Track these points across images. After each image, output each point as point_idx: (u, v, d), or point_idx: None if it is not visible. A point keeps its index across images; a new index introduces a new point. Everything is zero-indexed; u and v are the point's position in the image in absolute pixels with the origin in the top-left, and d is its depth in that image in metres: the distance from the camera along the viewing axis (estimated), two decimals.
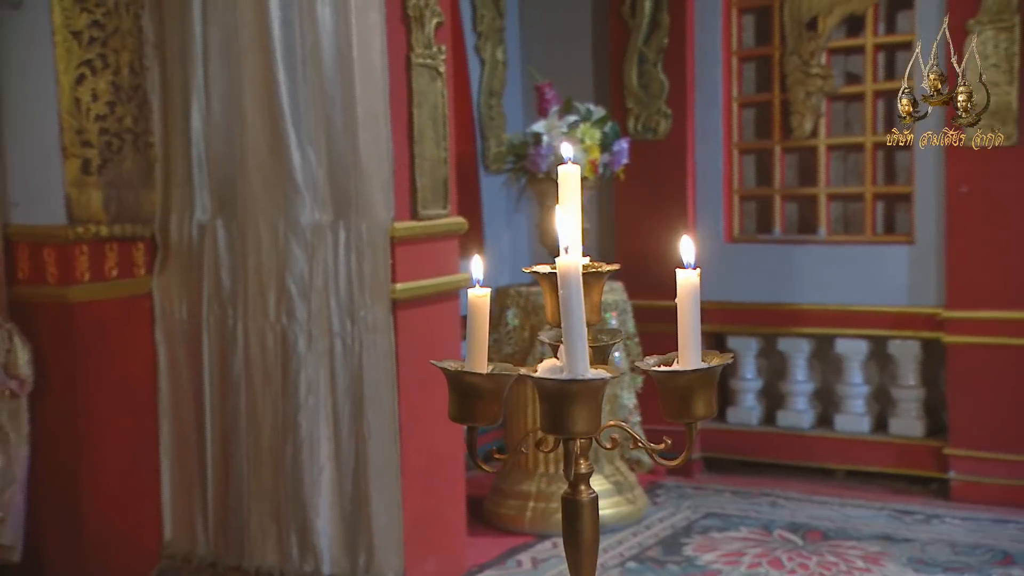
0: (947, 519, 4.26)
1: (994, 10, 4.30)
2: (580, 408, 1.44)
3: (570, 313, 1.42)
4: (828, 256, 4.85)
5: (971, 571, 3.66)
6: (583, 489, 1.56)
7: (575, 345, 1.42)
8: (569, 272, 1.42)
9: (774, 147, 5.02)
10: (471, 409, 1.57)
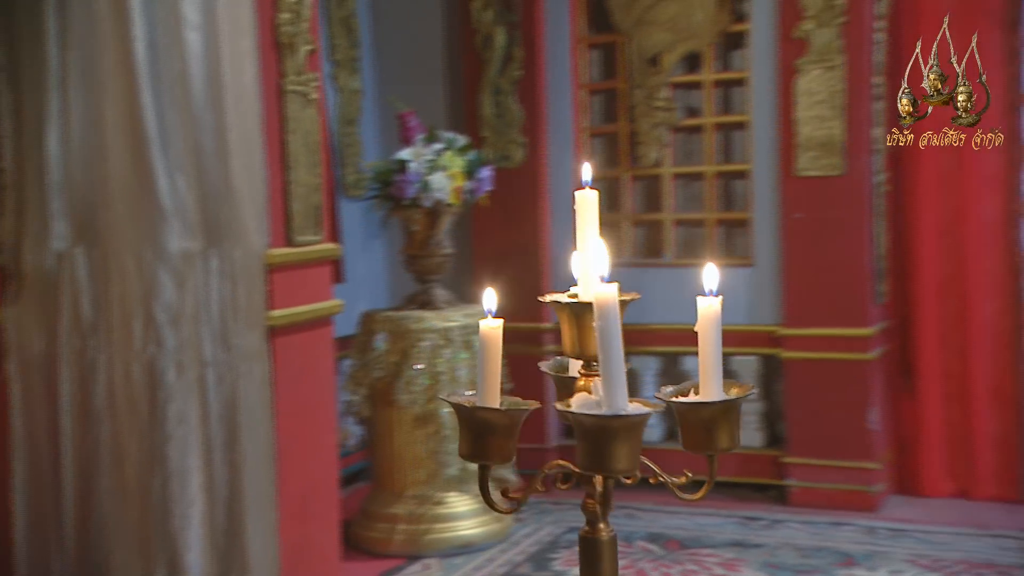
0: (789, 524, 4.33)
1: (820, 51, 4.42)
2: (621, 445, 1.34)
3: (609, 345, 1.32)
4: (674, 278, 4.88)
5: (818, 573, 3.72)
6: (602, 527, 1.50)
7: (614, 379, 1.32)
8: (607, 303, 1.32)
9: (623, 175, 5.02)
10: (485, 446, 1.45)
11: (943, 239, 4.54)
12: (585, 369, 1.54)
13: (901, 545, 3.98)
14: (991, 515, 4.32)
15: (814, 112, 4.44)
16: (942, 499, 4.57)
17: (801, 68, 4.46)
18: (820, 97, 4.43)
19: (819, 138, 4.43)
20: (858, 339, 4.44)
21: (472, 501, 4.15)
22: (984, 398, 4.51)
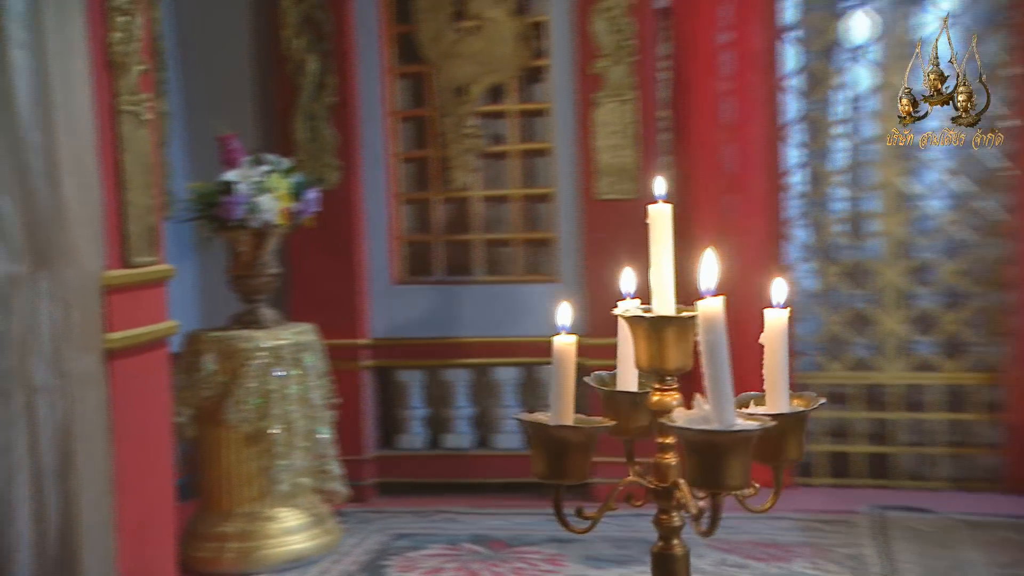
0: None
1: (615, 87, 4.60)
2: (734, 460, 1.25)
3: (717, 361, 1.24)
4: (484, 294, 4.94)
5: (634, 563, 3.83)
6: (676, 543, 1.42)
7: (722, 394, 1.23)
8: (714, 317, 1.24)
9: (434, 198, 5.03)
10: (562, 466, 1.36)
11: (719, 252, 4.81)
12: (660, 384, 1.45)
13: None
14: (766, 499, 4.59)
15: (611, 141, 4.62)
16: None
17: (598, 101, 4.63)
18: (615, 128, 4.61)
19: (615, 165, 4.62)
20: None
21: (303, 515, 4.02)
22: None
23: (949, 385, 4.78)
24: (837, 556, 3.77)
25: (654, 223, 1.42)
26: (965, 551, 3.76)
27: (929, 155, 4.80)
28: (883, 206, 4.83)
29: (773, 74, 4.77)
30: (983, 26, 4.68)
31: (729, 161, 4.81)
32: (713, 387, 1.25)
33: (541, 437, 1.33)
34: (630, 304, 1.36)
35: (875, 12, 4.79)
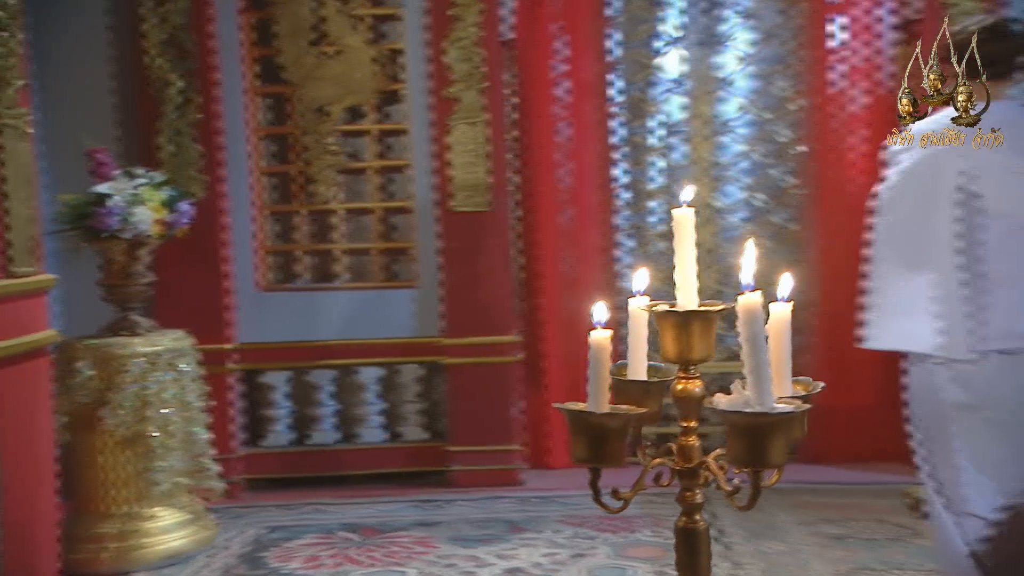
0: (457, 503, 4.57)
1: (467, 110, 4.75)
2: (777, 440, 1.28)
3: (757, 350, 1.28)
4: (347, 300, 4.97)
5: (497, 541, 3.97)
6: (699, 518, 1.45)
7: (763, 379, 1.27)
8: (753, 310, 1.28)
9: (297, 210, 5.02)
10: (599, 451, 1.38)
11: (560, 261, 5.04)
12: (684, 372, 1.49)
13: (549, 510, 4.37)
14: (605, 478, 4.83)
15: (464, 159, 4.75)
16: (565, 470, 5.03)
17: (452, 123, 4.76)
18: (469, 147, 4.75)
19: (469, 181, 4.76)
20: (504, 345, 4.81)
21: (180, 514, 3.94)
22: None
23: None
24: (672, 524, 4.02)
25: (678, 226, 1.46)
26: (776, 513, 4.10)
27: (732, 174, 5.17)
28: (697, 218, 5.17)
29: (604, 102, 5.03)
30: (774, 65, 5.10)
31: (566, 179, 5.04)
32: (754, 374, 1.30)
33: (581, 424, 1.37)
34: (641, 301, 1.44)
35: (685, 50, 5.13)
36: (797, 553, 3.62)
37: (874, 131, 4.81)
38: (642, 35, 5.16)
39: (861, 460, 4.88)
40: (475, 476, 4.81)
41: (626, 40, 5.13)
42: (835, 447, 4.93)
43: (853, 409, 4.90)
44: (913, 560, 3.50)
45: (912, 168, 2.74)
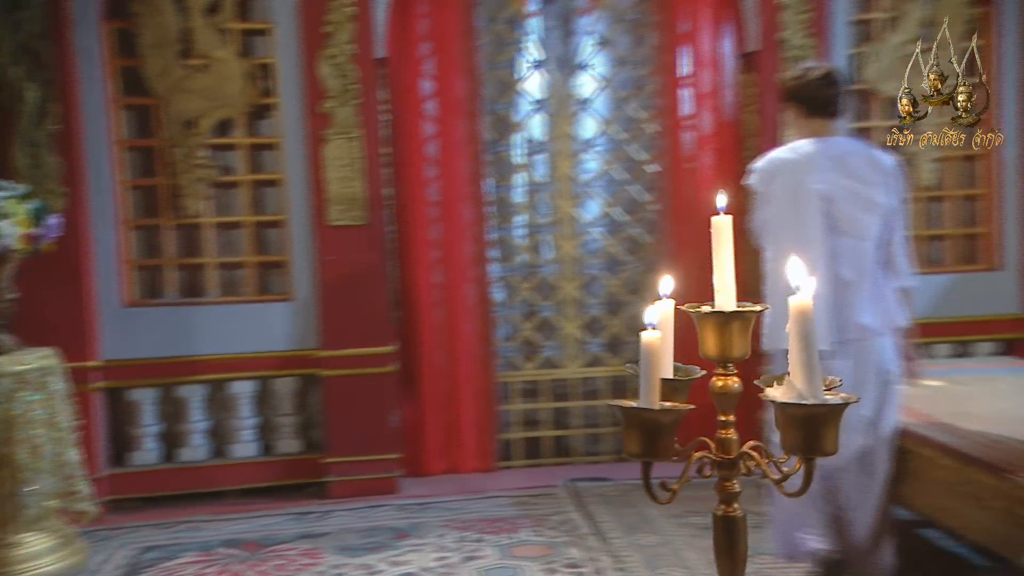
0: (337, 513, 4.38)
1: (342, 125, 4.58)
2: (828, 429, 1.30)
3: (808, 346, 1.29)
4: (219, 314, 4.68)
5: (385, 548, 3.82)
6: (736, 506, 1.47)
7: (814, 374, 1.30)
8: (805, 311, 1.30)
9: (165, 224, 4.69)
10: (652, 445, 1.38)
11: (435, 274, 4.94)
12: (723, 369, 1.51)
13: (431, 515, 4.24)
14: (479, 482, 4.77)
15: (340, 174, 4.58)
16: (439, 476, 4.93)
17: (327, 138, 4.58)
18: (344, 162, 4.58)
19: (346, 195, 4.58)
20: (380, 356, 4.66)
21: (50, 538, 3.57)
22: (468, 394, 4.98)
23: (613, 376, 5.24)
24: (552, 523, 4.00)
25: (717, 232, 1.50)
26: (644, 508, 4.15)
27: (592, 189, 5.23)
28: (561, 232, 5.20)
29: (473, 120, 4.97)
30: (629, 89, 5.21)
31: (438, 193, 4.94)
32: (805, 369, 1.32)
33: (635, 420, 1.36)
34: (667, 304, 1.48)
35: (547, 73, 5.16)
36: (671, 544, 3.66)
37: (720, 152, 4.99)
38: (506, 57, 5.14)
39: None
40: (353, 486, 4.62)
41: (492, 61, 5.10)
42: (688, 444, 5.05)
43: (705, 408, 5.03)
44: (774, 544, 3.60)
45: (784, 194, 2.96)
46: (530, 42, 5.14)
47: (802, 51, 4.73)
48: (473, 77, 4.95)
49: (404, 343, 4.89)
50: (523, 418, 5.23)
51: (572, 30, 5.21)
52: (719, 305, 1.43)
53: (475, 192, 4.99)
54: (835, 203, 3.02)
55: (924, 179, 5.00)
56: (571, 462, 5.15)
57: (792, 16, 4.73)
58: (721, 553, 1.47)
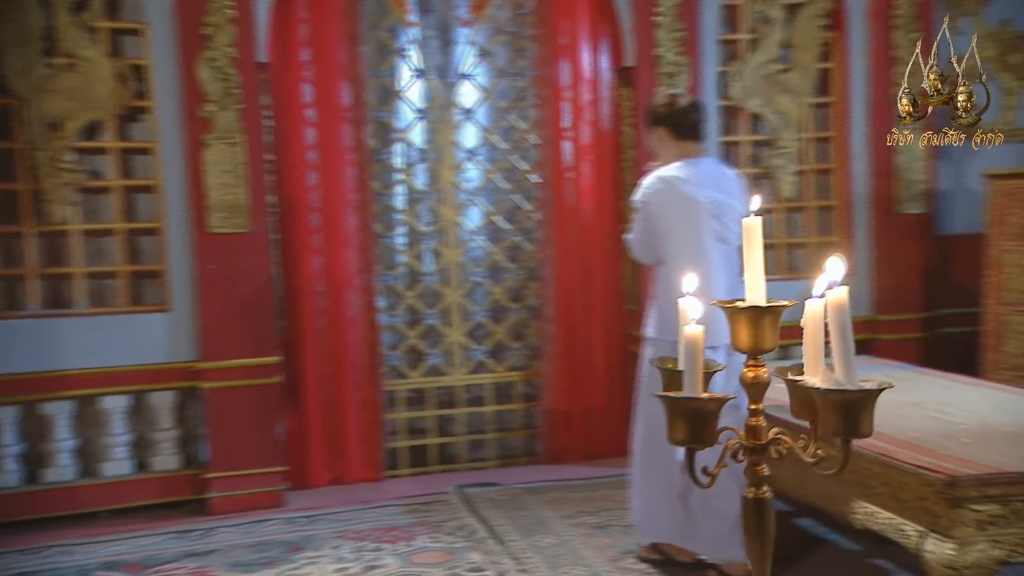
0: (222, 529, 4.30)
1: (223, 130, 4.52)
2: (866, 413, 1.41)
3: (845, 338, 1.42)
4: (88, 326, 4.51)
5: (280, 562, 3.79)
6: (765, 489, 1.56)
7: (850, 363, 1.42)
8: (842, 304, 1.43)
9: (27, 231, 4.47)
10: (698, 432, 1.47)
11: (318, 282, 4.92)
12: (753, 360, 1.60)
13: (322, 527, 4.23)
14: (367, 492, 4.78)
15: (222, 180, 4.51)
16: (325, 487, 4.91)
17: (208, 143, 4.50)
18: (226, 168, 4.52)
19: (227, 201, 4.52)
20: (266, 367, 4.61)
21: None
22: (353, 404, 4.99)
23: (498, 382, 5.38)
24: (448, 528, 4.08)
25: (749, 233, 1.57)
26: (537, 510, 4.30)
27: (475, 198, 5.36)
28: (444, 240, 5.30)
29: (357, 127, 4.99)
30: (510, 100, 5.37)
31: (320, 200, 4.94)
32: (842, 359, 1.44)
33: (682, 410, 1.47)
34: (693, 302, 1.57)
35: (428, 82, 5.25)
36: (568, 544, 3.81)
37: (598, 163, 5.23)
38: (388, 65, 5.20)
39: (594, 457, 5.24)
40: (236, 501, 4.54)
41: (374, 69, 5.14)
42: (572, 446, 5.25)
43: (586, 411, 5.25)
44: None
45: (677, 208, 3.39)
46: (412, 51, 5.22)
47: (676, 67, 5.04)
48: (356, 84, 4.98)
49: (287, 352, 4.84)
50: (409, 426, 5.28)
51: (453, 40, 5.32)
52: (751, 301, 1.56)
53: (359, 200, 5.01)
54: (719, 215, 3.35)
55: (785, 191, 5.41)
56: (457, 469, 5.24)
57: (666, 34, 5.03)
58: (751, 534, 1.57)
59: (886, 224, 5.35)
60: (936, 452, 2.57)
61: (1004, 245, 4.93)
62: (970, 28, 5.59)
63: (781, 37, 5.31)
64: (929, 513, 2.44)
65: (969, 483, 2.35)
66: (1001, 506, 2.36)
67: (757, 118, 5.36)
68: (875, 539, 3.69)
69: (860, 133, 5.38)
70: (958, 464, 2.43)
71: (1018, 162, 5.51)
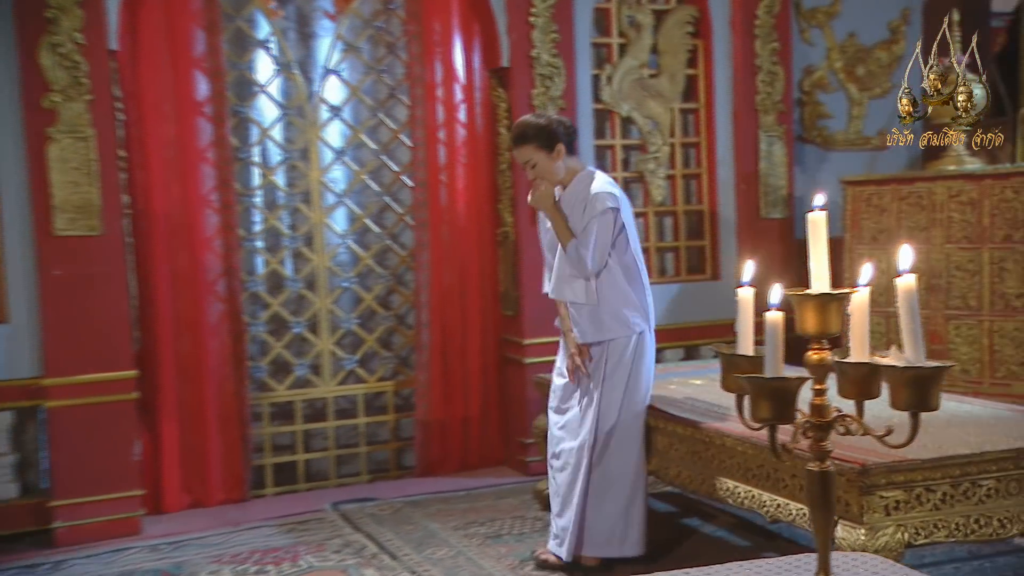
0: (73, 562, 4.03)
1: (71, 123, 4.23)
2: (935, 388, 1.58)
3: (914, 320, 1.59)
4: None
5: None
6: (828, 464, 1.71)
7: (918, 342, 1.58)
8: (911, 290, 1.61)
9: None
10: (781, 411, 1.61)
11: (176, 289, 4.67)
12: (818, 344, 1.73)
13: (191, 553, 4.01)
14: (233, 514, 4.58)
15: (69, 178, 4.21)
16: (184, 511, 4.66)
17: (53, 136, 4.19)
18: (74, 164, 4.22)
19: (75, 201, 4.22)
20: (120, 382, 4.33)
21: None
22: (215, 421, 4.76)
23: (369, 393, 5.28)
24: (334, 546, 3.96)
25: (813, 226, 1.74)
26: (424, 523, 4.24)
27: (344, 200, 5.23)
28: (311, 244, 5.15)
29: (218, 123, 4.77)
30: (381, 98, 5.29)
31: (178, 201, 4.70)
32: (911, 339, 1.61)
33: (766, 390, 1.62)
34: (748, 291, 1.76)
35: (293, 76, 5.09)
36: (464, 555, 3.78)
37: (473, 165, 5.23)
38: (249, 58, 5.01)
39: (470, 468, 5.23)
40: (87, 530, 4.24)
41: (234, 61, 4.94)
42: (448, 458, 5.22)
43: (462, 421, 5.23)
44: None
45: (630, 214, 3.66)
46: (274, 42, 5.05)
47: (552, 69, 5.11)
48: (215, 76, 4.76)
49: (141, 366, 4.56)
50: (275, 442, 5.09)
51: (317, 33, 5.19)
52: (817, 289, 1.70)
53: (220, 200, 4.80)
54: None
55: (656, 195, 5.60)
56: (327, 485, 5.10)
57: (541, 35, 5.10)
58: (816, 506, 1.71)
59: (751, 229, 5.63)
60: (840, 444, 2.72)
61: (859, 249, 5.30)
62: (822, 40, 6.01)
63: (650, 42, 5.50)
64: (839, 501, 2.58)
65: (879, 471, 2.51)
66: (905, 492, 2.53)
67: (629, 122, 5.52)
68: (764, 534, 3.88)
69: (726, 139, 5.64)
70: (864, 454, 2.59)
71: (866, 169, 5.96)
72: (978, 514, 2.58)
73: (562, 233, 3.56)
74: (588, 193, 3.55)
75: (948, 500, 2.56)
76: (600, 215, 3.49)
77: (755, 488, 2.94)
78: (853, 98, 6.08)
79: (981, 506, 2.59)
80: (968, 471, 2.57)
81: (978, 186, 4.82)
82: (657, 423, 3.54)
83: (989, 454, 2.59)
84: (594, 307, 3.54)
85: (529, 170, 3.63)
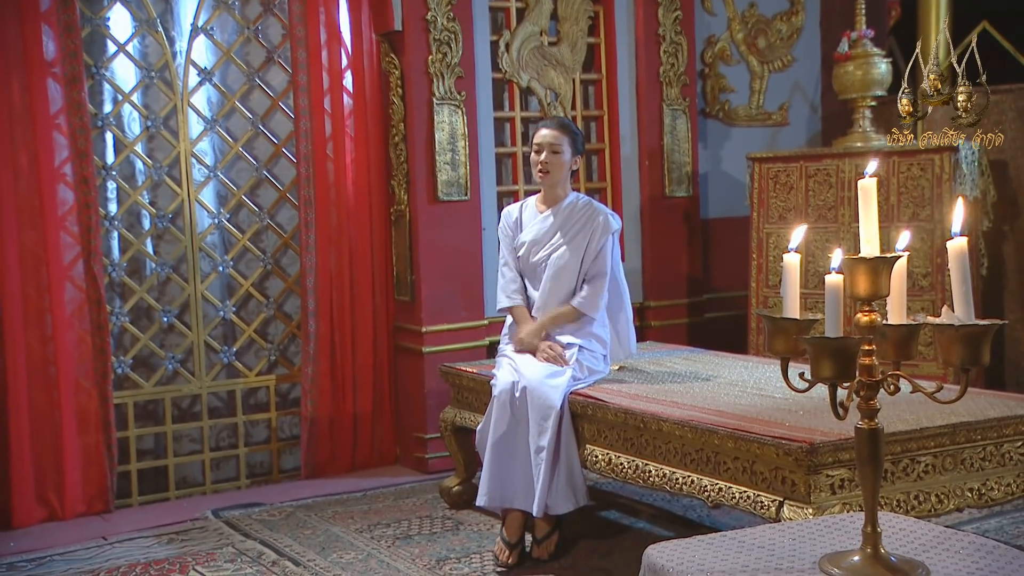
0: None
1: None
2: (985, 345, 1.80)
3: (964, 280, 1.82)
4: None
5: None
6: (876, 422, 1.91)
7: (968, 303, 1.81)
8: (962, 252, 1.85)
9: None
10: (844, 368, 1.82)
11: (23, 275, 4.53)
12: (867, 307, 1.93)
13: (59, 570, 3.89)
14: (98, 527, 4.47)
15: None
16: (36, 526, 4.53)
17: None
18: None
19: None
20: None
21: None
22: (72, 424, 4.63)
23: (248, 388, 5.25)
24: (226, 555, 3.94)
25: (864, 193, 1.95)
26: (324, 527, 4.26)
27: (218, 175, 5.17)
28: (181, 223, 5.07)
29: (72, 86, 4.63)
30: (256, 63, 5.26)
31: (25, 174, 4.56)
32: (962, 299, 1.84)
33: (828, 349, 1.80)
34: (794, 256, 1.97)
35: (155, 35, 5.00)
36: (376, 557, 3.85)
37: (363, 137, 5.26)
38: (106, 12, 4.89)
39: (360, 468, 5.28)
40: None
41: (89, 16, 4.81)
42: (336, 458, 5.25)
43: (352, 417, 5.27)
44: (474, 543, 4.00)
45: None
46: None
47: (448, 34, 5.20)
48: (67, 32, 4.62)
49: None
50: (142, 445, 5.01)
51: None
52: (868, 253, 1.92)
53: (76, 173, 4.67)
54: None
55: None
56: (202, 491, 5.06)
57: None
58: (864, 462, 1.91)
59: (654, 208, 5.89)
60: (783, 424, 2.97)
61: (767, 228, 5.64)
62: (723, 10, 6.34)
63: (550, 7, 5.66)
64: (785, 482, 2.81)
65: (826, 449, 2.75)
66: (850, 470, 2.78)
67: (529, 92, 5.67)
68: (685, 524, 4.13)
69: (629, 113, 5.87)
70: (808, 433, 2.83)
71: (768, 145, 6.33)
72: (917, 490, 2.87)
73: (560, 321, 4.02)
74: (591, 209, 4.08)
75: (889, 477, 2.82)
76: (613, 234, 4.07)
77: (694, 473, 3.15)
78: (755, 71, 6.42)
79: (920, 482, 2.87)
80: (908, 447, 2.85)
81: (885, 163, 5.23)
82: (585, 410, 3.71)
83: (928, 430, 2.87)
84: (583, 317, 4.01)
85: (547, 154, 4.06)
